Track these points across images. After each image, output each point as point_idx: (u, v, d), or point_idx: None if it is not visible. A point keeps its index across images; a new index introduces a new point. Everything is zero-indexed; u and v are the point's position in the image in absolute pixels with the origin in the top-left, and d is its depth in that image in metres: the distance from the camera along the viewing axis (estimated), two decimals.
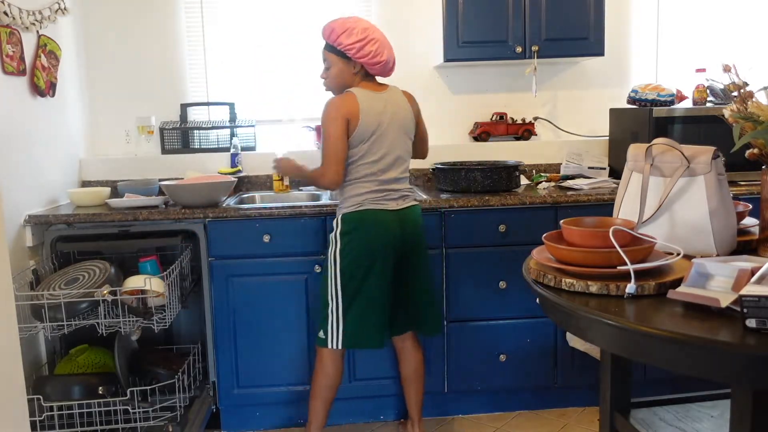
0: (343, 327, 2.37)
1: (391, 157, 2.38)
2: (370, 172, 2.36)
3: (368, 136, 2.33)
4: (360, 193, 2.35)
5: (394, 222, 2.37)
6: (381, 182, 2.37)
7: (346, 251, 2.34)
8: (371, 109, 2.33)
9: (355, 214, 2.35)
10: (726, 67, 1.67)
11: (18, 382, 1.46)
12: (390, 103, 2.39)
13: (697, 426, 1.82)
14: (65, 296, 2.34)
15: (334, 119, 2.29)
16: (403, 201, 2.42)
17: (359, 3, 3.37)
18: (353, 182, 2.37)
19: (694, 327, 1.22)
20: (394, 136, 2.39)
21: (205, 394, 2.79)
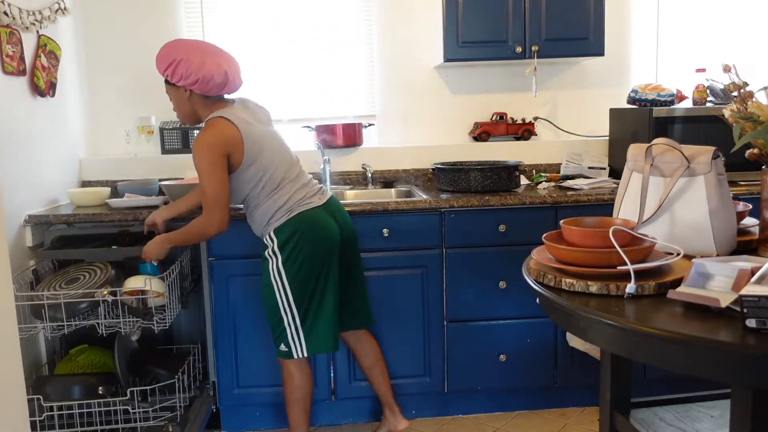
0: (305, 335, 2.32)
1: (287, 156, 2.33)
2: (281, 179, 2.28)
3: (259, 150, 2.22)
4: (284, 202, 2.27)
5: (328, 216, 2.33)
6: (295, 181, 2.31)
7: (290, 261, 2.26)
8: (245, 123, 2.21)
9: (289, 223, 2.25)
10: (726, 67, 1.67)
11: (18, 382, 1.46)
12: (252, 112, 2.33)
13: (697, 426, 1.82)
14: (65, 296, 2.34)
15: (210, 160, 2.13)
16: (323, 194, 2.38)
17: (359, 3, 3.37)
18: (270, 197, 2.27)
19: (694, 327, 1.22)
20: (271, 133, 2.33)
21: (205, 394, 2.79)
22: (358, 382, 2.79)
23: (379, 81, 3.42)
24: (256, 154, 2.22)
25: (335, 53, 3.40)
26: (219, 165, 2.15)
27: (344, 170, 3.33)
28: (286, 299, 2.30)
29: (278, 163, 2.29)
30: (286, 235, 2.26)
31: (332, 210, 2.37)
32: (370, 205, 2.68)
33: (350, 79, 3.43)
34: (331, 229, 2.32)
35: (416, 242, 2.73)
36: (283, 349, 2.35)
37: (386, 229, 2.71)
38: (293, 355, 2.34)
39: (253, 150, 2.21)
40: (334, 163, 3.30)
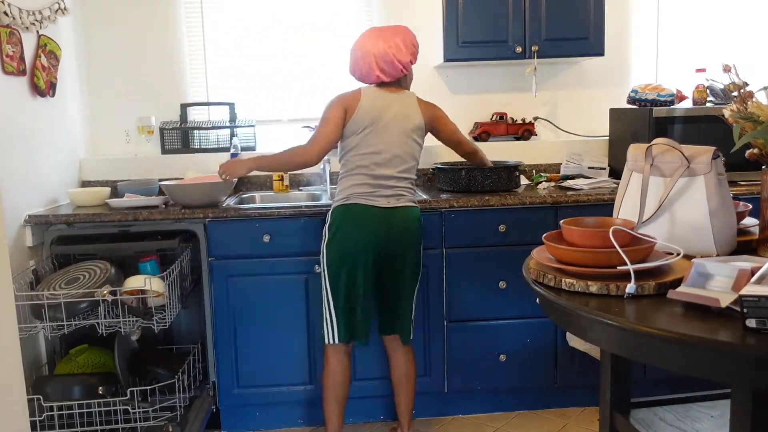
0: (336, 321, 2.38)
1: (387, 154, 2.40)
2: (362, 165, 2.39)
3: (361, 128, 2.39)
4: (350, 186, 2.40)
5: (381, 219, 2.37)
6: (373, 177, 2.39)
7: (332, 245, 2.38)
8: (372, 104, 2.40)
9: (341, 209, 2.38)
10: (726, 67, 1.67)
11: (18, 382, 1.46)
12: (397, 102, 2.45)
13: (697, 426, 1.82)
14: (65, 296, 2.34)
15: (330, 106, 2.42)
16: (396, 200, 2.42)
17: (359, 3, 3.37)
18: (345, 174, 2.43)
19: (694, 327, 1.22)
20: (393, 133, 2.42)
21: (205, 394, 2.79)
22: (361, 382, 2.79)
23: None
24: (358, 129, 2.40)
25: (335, 53, 3.40)
26: (334, 109, 2.41)
27: None
28: (325, 279, 2.40)
29: (372, 151, 2.39)
30: (335, 219, 2.39)
31: (391, 217, 2.39)
32: None
33: (350, 79, 3.42)
34: (375, 231, 2.35)
35: None
36: (322, 333, 2.45)
37: None
38: (326, 339, 2.42)
39: (356, 125, 2.40)
40: (334, 163, 3.30)
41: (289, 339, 2.75)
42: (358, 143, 2.40)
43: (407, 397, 2.59)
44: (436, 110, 2.58)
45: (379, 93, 2.46)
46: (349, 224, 2.36)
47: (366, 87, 2.48)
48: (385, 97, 2.45)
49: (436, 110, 2.58)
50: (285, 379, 2.78)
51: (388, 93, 2.47)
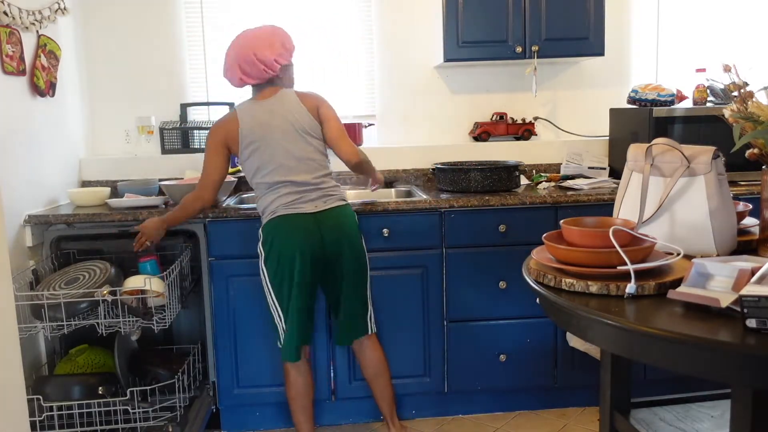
0: (288, 336, 2.38)
1: (293, 161, 2.34)
2: (275, 181, 2.34)
3: (254, 151, 2.34)
4: (271, 202, 2.36)
5: (311, 225, 2.33)
6: (292, 185, 2.34)
7: (269, 261, 2.35)
8: (252, 122, 2.35)
9: (271, 223, 2.35)
10: (726, 67, 1.67)
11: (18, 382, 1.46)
12: (277, 108, 2.37)
13: (697, 426, 1.82)
14: (65, 296, 2.34)
15: (209, 141, 2.41)
16: (323, 203, 2.37)
17: (359, 3, 3.37)
18: (264, 194, 2.38)
19: (694, 327, 1.22)
20: (287, 138, 2.34)
21: (205, 394, 2.79)
22: (358, 382, 2.79)
23: (379, 81, 3.42)
24: (252, 152, 2.35)
25: (335, 53, 3.40)
26: (213, 149, 2.40)
27: (344, 170, 3.32)
28: (271, 296, 2.40)
29: (276, 166, 2.34)
30: (266, 235, 2.36)
31: (323, 220, 2.35)
32: (370, 205, 2.68)
33: (350, 79, 3.43)
34: (307, 237, 2.31)
35: (416, 242, 2.73)
36: (279, 346, 2.44)
37: (386, 229, 2.71)
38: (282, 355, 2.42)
39: (249, 147, 2.35)
40: (334, 163, 3.28)
41: None
42: (258, 165, 2.34)
43: (386, 391, 2.59)
44: (318, 101, 2.43)
45: (255, 105, 2.37)
46: (282, 236, 2.31)
47: (240, 105, 2.40)
48: (262, 107, 2.36)
49: (318, 101, 2.43)
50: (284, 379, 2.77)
51: (264, 101, 2.38)
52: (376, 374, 2.58)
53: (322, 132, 2.42)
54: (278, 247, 2.32)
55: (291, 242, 2.31)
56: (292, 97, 2.41)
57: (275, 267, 2.34)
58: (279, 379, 2.77)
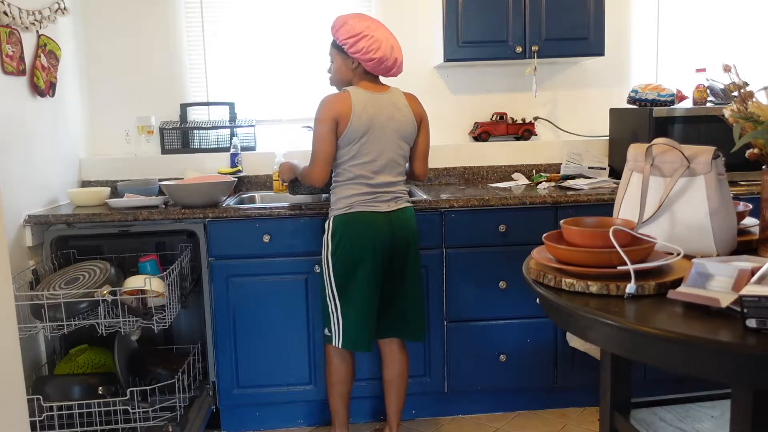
0: (343, 326, 2.39)
1: (383, 160, 2.37)
2: (361, 174, 2.35)
3: (358, 137, 2.32)
4: (350, 195, 2.36)
5: (384, 224, 2.36)
6: (372, 185, 2.36)
7: (337, 253, 2.36)
8: (365, 109, 2.32)
9: (344, 217, 2.36)
10: (726, 67, 1.67)
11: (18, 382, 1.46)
12: (388, 104, 2.38)
13: (697, 426, 1.82)
14: (65, 296, 2.34)
15: (322, 120, 2.32)
16: (395, 203, 2.42)
17: (359, 3, 3.37)
18: (343, 184, 2.38)
19: (694, 327, 1.22)
20: (388, 138, 2.37)
21: (205, 394, 2.79)
22: (359, 382, 2.79)
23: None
24: (354, 139, 2.33)
25: None
26: (326, 125, 2.31)
27: None
28: (331, 288, 2.39)
29: (370, 160, 2.35)
30: (338, 228, 2.36)
31: (393, 220, 2.39)
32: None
33: None
34: (380, 236, 2.35)
35: None
36: (326, 333, 2.45)
37: None
38: (332, 341, 2.42)
39: (353, 133, 2.32)
40: None
41: (289, 339, 2.75)
42: (354, 153, 2.35)
43: (399, 398, 2.60)
44: (422, 110, 2.49)
45: (368, 95, 2.35)
46: (355, 232, 2.34)
47: (353, 89, 2.35)
48: (376, 99, 2.35)
49: (422, 110, 2.49)
50: (285, 379, 2.78)
51: (376, 94, 2.37)
52: (400, 375, 2.57)
53: (415, 141, 2.48)
54: (349, 242, 2.33)
55: (363, 239, 2.33)
56: (403, 98, 2.44)
57: (342, 260, 2.34)
58: (279, 379, 2.77)
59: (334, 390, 2.51)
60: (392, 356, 2.57)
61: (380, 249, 2.36)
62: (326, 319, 2.44)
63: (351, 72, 2.40)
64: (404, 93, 2.47)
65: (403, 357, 2.57)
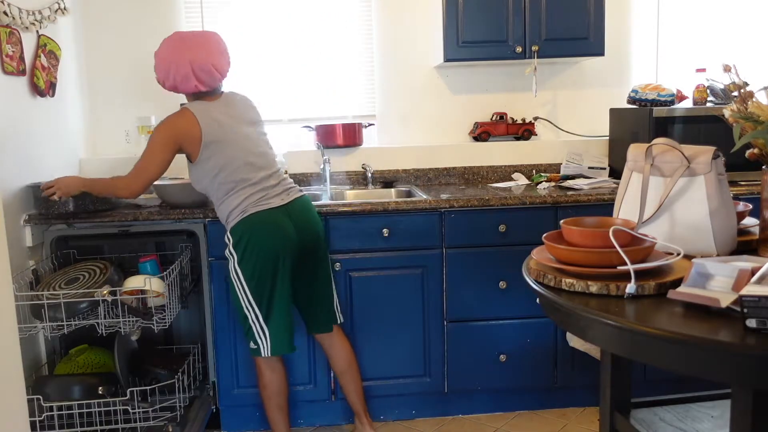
0: (269, 334, 2.34)
1: (251, 157, 2.34)
2: (239, 179, 2.31)
3: (216, 148, 2.29)
4: (240, 202, 2.31)
5: (284, 218, 2.33)
6: (255, 184, 2.33)
7: (246, 261, 2.30)
8: (211, 121, 2.30)
9: (241, 223, 2.30)
10: (726, 67, 1.67)
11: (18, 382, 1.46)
12: (230, 105, 2.38)
13: (697, 426, 1.82)
14: (65, 296, 2.34)
15: (163, 139, 2.29)
16: (287, 195, 2.38)
17: (359, 3, 3.37)
18: (228, 196, 2.32)
19: (694, 327, 1.22)
20: (244, 135, 2.35)
21: (205, 394, 2.79)
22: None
23: (379, 81, 3.42)
24: (213, 151, 2.29)
25: (335, 53, 3.40)
26: (165, 147, 2.30)
27: (344, 170, 3.33)
28: (246, 298, 2.33)
29: (239, 164, 2.31)
30: (238, 236, 2.31)
31: (292, 212, 2.36)
32: (370, 205, 2.68)
33: (350, 79, 3.43)
34: (283, 232, 2.31)
35: (416, 242, 2.73)
36: (252, 347, 2.38)
37: (386, 229, 2.71)
38: (261, 353, 2.36)
39: (210, 146, 2.29)
40: (334, 163, 3.30)
41: None
42: (223, 164, 2.29)
43: (357, 386, 2.60)
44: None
45: (209, 106, 2.34)
46: (257, 234, 2.28)
47: (192, 106, 2.32)
48: (216, 107, 2.34)
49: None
50: None
51: (215, 102, 2.37)
52: (350, 365, 2.58)
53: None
54: (255, 245, 2.28)
55: (267, 238, 2.28)
56: (237, 95, 2.46)
57: (253, 265, 2.29)
58: None
59: (272, 402, 2.43)
60: (334, 348, 2.57)
61: (287, 244, 2.32)
62: (247, 333, 2.37)
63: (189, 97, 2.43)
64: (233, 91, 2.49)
65: (344, 344, 2.57)
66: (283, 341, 2.36)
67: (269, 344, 2.35)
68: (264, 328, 2.34)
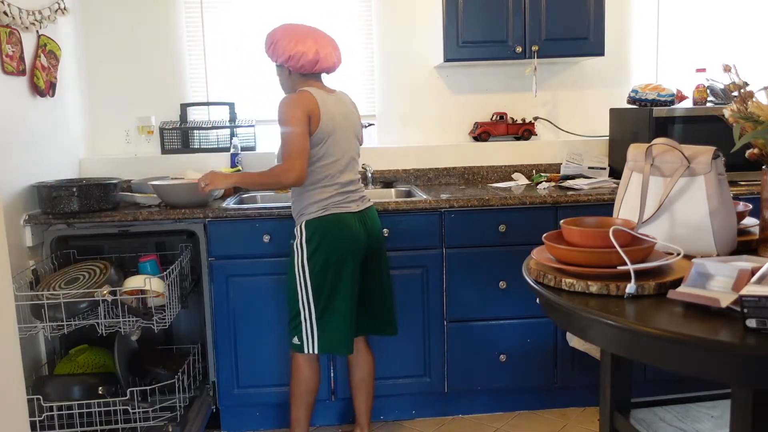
0: (318, 333, 2.34)
1: (346, 159, 2.37)
2: (329, 174, 2.32)
3: (326, 136, 2.30)
4: (322, 198, 2.32)
5: (358, 224, 2.36)
6: (341, 185, 2.35)
7: (315, 258, 2.31)
8: (329, 109, 2.31)
9: (319, 220, 2.31)
10: (726, 67, 1.67)
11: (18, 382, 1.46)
12: (341, 103, 2.39)
13: (697, 426, 1.82)
14: (65, 296, 2.34)
15: (294, 116, 2.23)
16: (362, 202, 2.42)
17: (359, 3, 3.37)
18: (313, 186, 2.32)
19: (694, 327, 1.22)
20: (348, 137, 2.37)
21: (205, 394, 2.79)
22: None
23: (379, 81, 3.42)
24: (323, 139, 2.29)
25: None
26: (302, 120, 2.24)
27: None
28: (306, 294, 2.34)
29: (336, 159, 2.34)
30: (313, 232, 2.32)
31: (365, 219, 2.40)
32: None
33: (350, 79, 3.43)
34: (356, 236, 2.34)
35: (416, 242, 2.73)
36: (295, 342, 2.39)
37: (386, 229, 2.71)
38: (304, 349, 2.37)
39: (322, 133, 2.29)
40: None
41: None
42: (322, 154, 2.30)
43: (369, 397, 2.60)
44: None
45: (325, 95, 2.33)
46: (333, 234, 2.30)
47: (311, 90, 2.31)
48: (331, 99, 2.35)
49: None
50: (285, 379, 2.77)
51: (331, 95, 2.37)
52: (369, 375, 2.58)
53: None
54: (327, 245, 2.30)
55: (341, 240, 2.31)
56: (348, 98, 2.49)
57: (322, 264, 2.30)
58: (279, 379, 2.77)
59: (302, 400, 2.44)
60: (360, 356, 2.56)
61: (358, 249, 2.34)
62: (294, 328, 2.37)
63: (289, 79, 2.40)
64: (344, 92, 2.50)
65: (369, 356, 2.58)
66: (339, 341, 2.35)
67: (316, 342, 2.35)
68: (314, 326, 2.34)
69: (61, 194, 2.57)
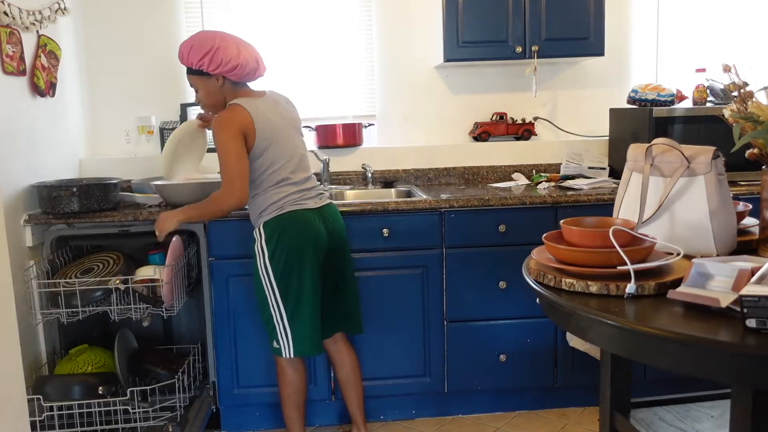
0: (292, 335, 2.34)
1: (296, 158, 2.36)
2: (282, 178, 2.31)
3: (269, 144, 2.27)
4: (279, 198, 2.30)
5: (318, 221, 2.35)
6: (295, 184, 2.34)
7: (276, 257, 2.29)
8: (262, 116, 2.27)
9: (276, 219, 2.29)
10: (726, 67, 1.67)
11: (18, 382, 1.47)
12: (274, 104, 2.37)
13: (697, 426, 1.82)
14: (81, 284, 2.43)
15: (228, 136, 2.18)
16: (320, 199, 2.41)
17: (359, 3, 3.37)
18: (267, 191, 2.31)
19: (694, 327, 1.22)
20: (290, 136, 2.36)
21: (205, 394, 2.79)
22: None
23: (379, 81, 3.42)
24: (265, 147, 2.27)
25: (335, 53, 3.40)
26: (238, 140, 2.20)
27: (344, 170, 3.33)
28: (274, 296, 2.33)
29: (285, 162, 2.32)
30: (272, 231, 2.30)
31: (325, 216, 2.38)
32: (370, 205, 2.68)
33: (350, 79, 3.43)
34: (316, 233, 2.32)
35: (416, 242, 2.73)
36: (275, 346, 2.38)
37: (386, 229, 2.71)
38: (282, 353, 2.36)
39: (263, 142, 2.26)
40: (334, 163, 3.30)
41: None
42: (271, 161, 2.28)
43: (359, 394, 2.60)
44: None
45: (257, 102, 2.29)
46: (292, 231, 2.28)
47: (243, 102, 2.25)
48: (264, 104, 2.31)
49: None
50: None
51: (262, 99, 2.33)
52: (354, 373, 2.58)
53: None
54: (288, 242, 2.28)
55: (301, 236, 2.29)
56: (280, 95, 2.46)
57: (284, 262, 2.29)
58: None
59: (291, 401, 2.44)
60: (341, 354, 2.56)
61: (319, 246, 2.33)
62: (271, 332, 2.37)
63: (220, 90, 2.31)
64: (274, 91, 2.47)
65: (351, 352, 2.58)
66: (307, 343, 2.35)
67: (291, 345, 2.34)
68: (287, 329, 2.33)
69: (61, 194, 2.58)
